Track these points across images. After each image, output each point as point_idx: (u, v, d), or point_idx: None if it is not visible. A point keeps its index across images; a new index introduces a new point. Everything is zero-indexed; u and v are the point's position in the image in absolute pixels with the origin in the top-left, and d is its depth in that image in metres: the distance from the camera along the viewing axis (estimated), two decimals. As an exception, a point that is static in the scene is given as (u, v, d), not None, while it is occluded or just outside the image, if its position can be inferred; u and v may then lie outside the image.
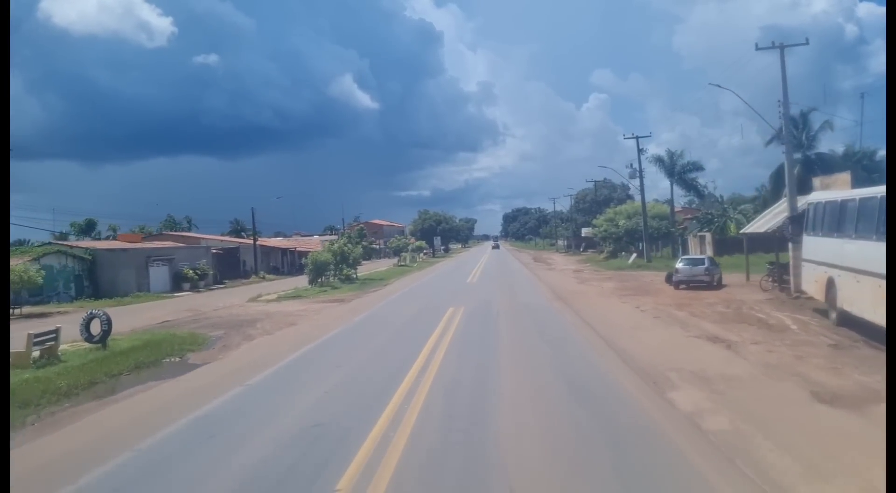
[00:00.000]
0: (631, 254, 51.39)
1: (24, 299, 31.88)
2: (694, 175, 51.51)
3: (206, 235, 63.46)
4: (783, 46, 22.09)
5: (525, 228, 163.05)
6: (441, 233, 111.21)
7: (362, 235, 50.40)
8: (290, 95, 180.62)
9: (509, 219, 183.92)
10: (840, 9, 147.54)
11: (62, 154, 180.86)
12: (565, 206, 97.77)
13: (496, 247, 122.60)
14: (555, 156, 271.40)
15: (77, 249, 39.59)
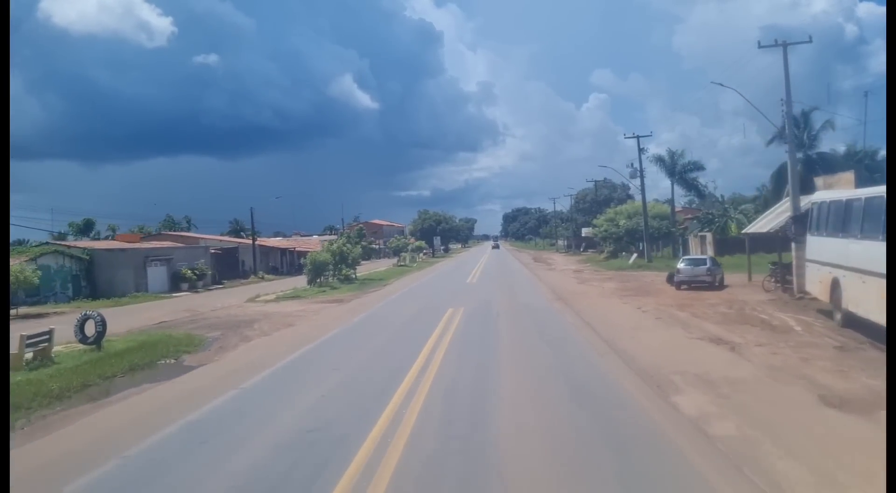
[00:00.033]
0: (631, 254, 51.20)
1: (21, 300, 31.64)
2: (695, 175, 51.56)
3: (206, 235, 63.32)
4: (786, 44, 21.94)
5: (525, 228, 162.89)
6: (441, 233, 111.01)
7: (361, 235, 50.17)
8: (290, 95, 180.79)
9: (509, 219, 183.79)
10: (840, 8, 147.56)
11: (62, 154, 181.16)
12: (565, 206, 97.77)
13: (496, 247, 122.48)
14: (555, 156, 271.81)
15: (74, 249, 39.34)
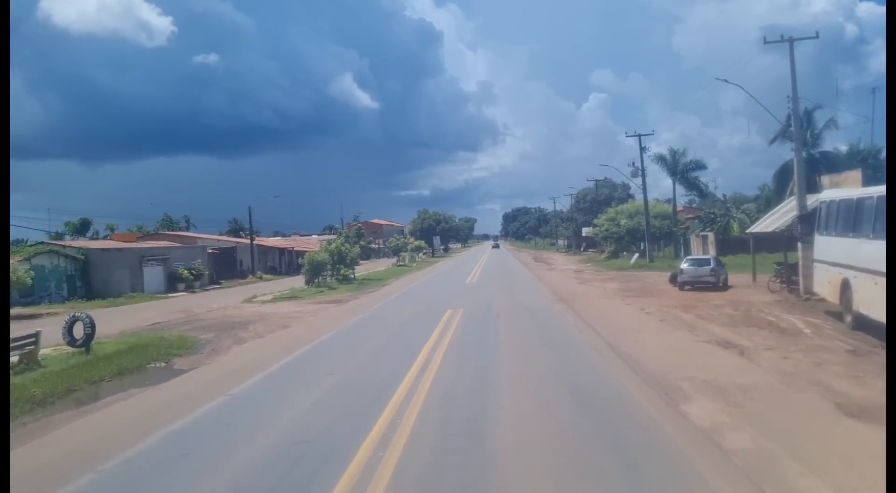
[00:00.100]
0: (632, 254, 50.77)
1: (15, 300, 31.11)
2: (696, 174, 51.06)
3: (205, 234, 62.93)
4: (793, 40, 21.51)
5: (525, 227, 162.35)
6: (441, 232, 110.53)
7: (360, 234, 49.69)
8: (290, 95, 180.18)
9: (509, 218, 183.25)
10: (840, 8, 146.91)
11: (62, 154, 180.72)
12: (565, 205, 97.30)
13: (496, 247, 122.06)
14: (555, 155, 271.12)
15: (70, 248, 38.82)
